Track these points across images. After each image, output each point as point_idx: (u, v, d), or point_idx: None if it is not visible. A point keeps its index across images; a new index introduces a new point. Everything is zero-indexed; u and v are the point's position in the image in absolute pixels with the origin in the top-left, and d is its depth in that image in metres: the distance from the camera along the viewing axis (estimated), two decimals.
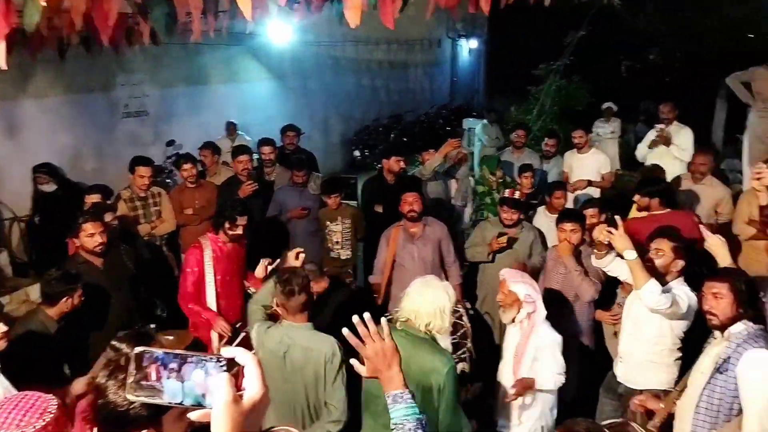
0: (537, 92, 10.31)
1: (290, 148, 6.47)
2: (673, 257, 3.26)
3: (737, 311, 2.66)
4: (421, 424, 1.67)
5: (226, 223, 4.00)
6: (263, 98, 9.76)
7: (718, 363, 2.66)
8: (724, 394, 2.64)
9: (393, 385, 1.71)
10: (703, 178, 5.35)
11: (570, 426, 1.94)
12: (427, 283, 2.81)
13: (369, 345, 1.72)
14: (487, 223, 4.99)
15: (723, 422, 2.67)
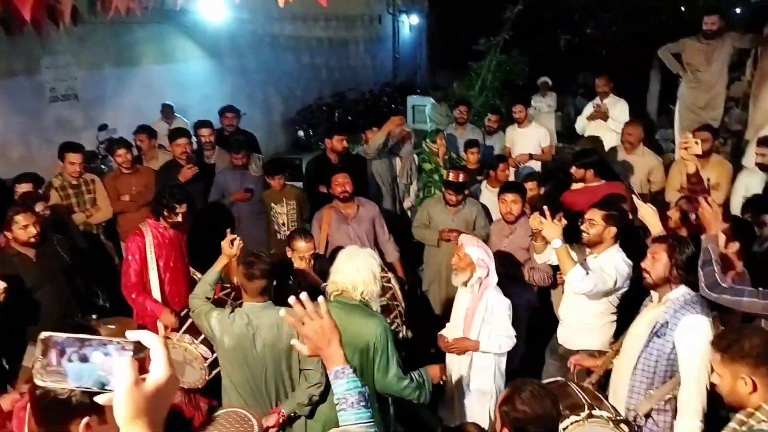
0: (478, 67, 10.38)
1: (229, 129, 6.30)
2: (605, 225, 3.38)
3: (670, 274, 2.78)
4: (364, 397, 1.70)
5: (165, 210, 3.91)
6: (199, 78, 9.45)
7: (655, 327, 2.76)
8: (661, 357, 2.75)
9: (334, 362, 1.73)
10: (635, 148, 5.53)
11: (517, 385, 2.01)
12: (353, 253, 2.93)
13: (308, 324, 1.73)
14: (432, 201, 5.04)
15: (659, 383, 2.80)
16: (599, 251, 3.44)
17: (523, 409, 1.93)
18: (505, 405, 1.97)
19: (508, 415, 1.95)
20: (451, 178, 4.69)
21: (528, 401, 1.95)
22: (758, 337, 2.05)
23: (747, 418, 2.02)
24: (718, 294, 2.71)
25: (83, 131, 7.14)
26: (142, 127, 5.95)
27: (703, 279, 2.76)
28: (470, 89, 10.11)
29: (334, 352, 1.74)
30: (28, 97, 6.81)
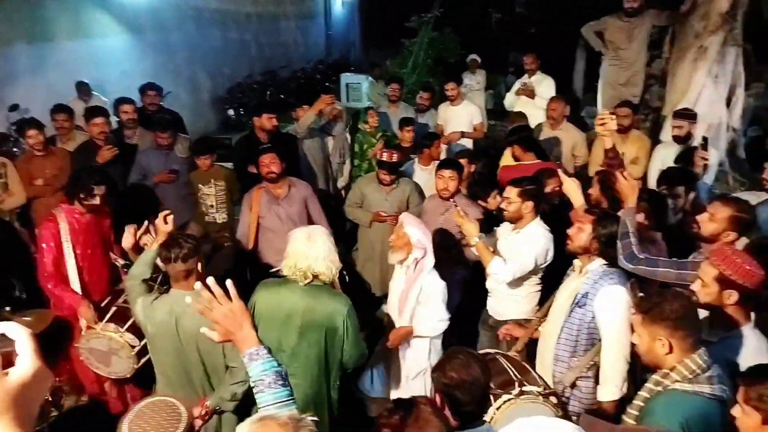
0: (411, 45, 10.34)
1: (152, 108, 6.01)
2: (521, 201, 3.51)
3: (591, 245, 2.91)
4: (281, 376, 1.70)
5: (81, 193, 3.69)
6: (119, 55, 8.92)
7: (576, 297, 2.89)
8: (582, 326, 2.88)
9: (247, 344, 1.72)
10: (559, 124, 5.70)
11: (450, 353, 2.07)
12: (312, 236, 2.90)
13: (216, 309, 1.71)
14: (365, 180, 5.01)
15: (582, 351, 2.93)
16: (521, 226, 3.58)
17: (451, 375, 2.00)
18: (436, 371, 2.05)
19: (438, 381, 2.02)
20: (385, 158, 4.66)
21: (456, 368, 2.01)
22: (678, 302, 2.14)
23: (662, 378, 2.12)
24: (634, 265, 2.81)
25: None
26: (59, 106, 5.56)
27: (621, 251, 2.86)
28: (403, 67, 10.07)
29: (247, 335, 1.72)
30: None
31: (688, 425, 1.98)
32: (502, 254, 3.64)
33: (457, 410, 1.99)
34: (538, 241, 3.48)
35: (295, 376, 2.89)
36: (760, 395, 1.77)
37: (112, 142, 4.92)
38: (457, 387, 1.98)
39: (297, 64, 13.98)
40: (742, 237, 2.95)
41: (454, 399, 1.99)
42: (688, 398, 2.05)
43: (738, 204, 2.95)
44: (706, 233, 2.97)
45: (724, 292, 2.36)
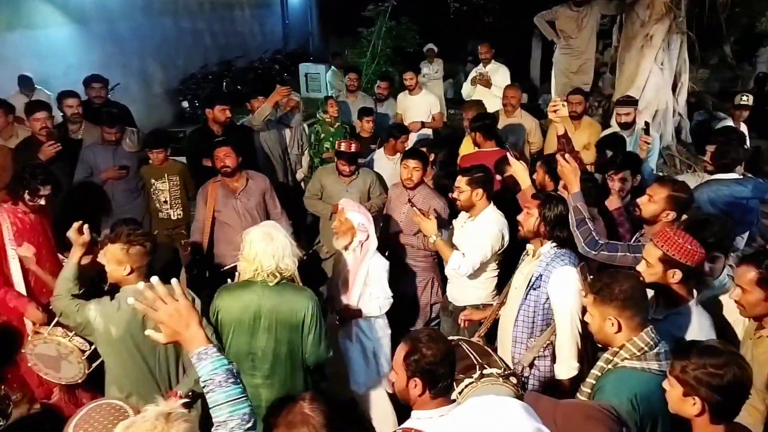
0: (369, 34, 10.27)
1: (98, 101, 5.76)
2: (471, 189, 3.57)
3: (538, 228, 2.99)
4: (231, 373, 1.66)
5: (26, 193, 3.57)
6: (63, 46, 8.56)
7: (531, 280, 2.96)
8: (538, 308, 2.97)
9: (195, 344, 1.67)
10: (514, 111, 5.79)
11: (413, 337, 2.05)
12: (268, 236, 2.83)
13: (161, 309, 1.66)
14: (325, 172, 4.95)
15: (539, 331, 3.02)
16: (475, 214, 3.65)
17: (429, 353, 1.98)
18: (411, 356, 2.00)
19: (417, 364, 1.98)
20: (343, 149, 4.62)
21: (430, 345, 2.00)
22: (628, 283, 2.21)
23: (612, 356, 2.21)
24: (597, 251, 2.90)
25: None
26: None
27: (581, 239, 2.92)
28: (362, 56, 10.00)
29: (194, 334, 1.68)
30: None
31: (637, 401, 2.05)
32: (459, 243, 3.69)
33: (435, 387, 1.98)
34: (492, 228, 3.53)
35: (270, 377, 2.90)
36: (683, 368, 1.87)
37: (56, 138, 4.69)
38: (439, 363, 1.98)
39: (254, 54, 13.72)
40: (681, 216, 3.05)
41: (434, 377, 1.97)
42: (636, 375, 2.13)
43: (674, 184, 3.06)
44: (647, 215, 3.06)
45: (668, 272, 2.44)
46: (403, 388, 2.03)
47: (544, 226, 2.97)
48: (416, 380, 1.98)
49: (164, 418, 1.41)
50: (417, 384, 1.98)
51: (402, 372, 2.03)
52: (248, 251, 2.83)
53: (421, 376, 1.97)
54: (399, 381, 2.05)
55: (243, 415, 1.63)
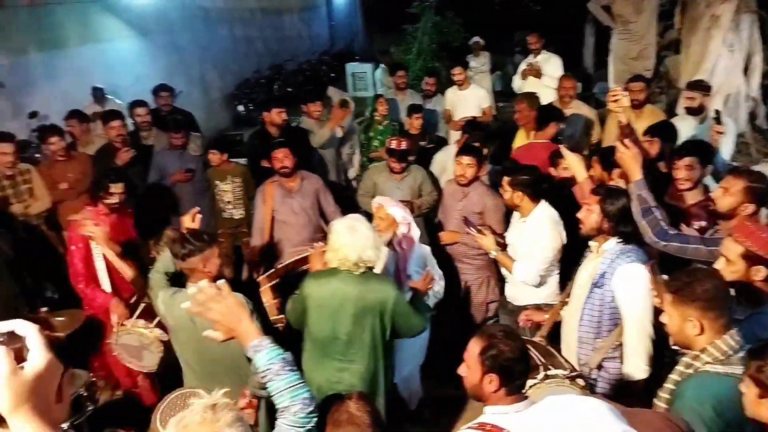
0: (414, 30, 10.33)
1: (165, 109, 6.17)
2: (512, 191, 3.56)
3: (602, 225, 2.83)
4: (288, 362, 1.73)
5: (101, 192, 3.87)
6: (130, 58, 9.08)
7: (595, 278, 2.82)
8: (603, 307, 2.83)
9: (250, 337, 1.75)
10: (571, 101, 5.64)
11: (488, 332, 2.05)
12: (353, 227, 2.94)
13: (214, 309, 1.74)
14: (377, 169, 5.04)
15: (606, 331, 2.87)
16: (525, 214, 3.61)
17: (507, 348, 1.95)
18: (488, 351, 1.96)
19: (495, 360, 1.94)
20: (393, 146, 4.67)
21: (507, 341, 1.97)
22: (710, 282, 2.06)
23: (693, 360, 2.07)
24: (667, 242, 2.75)
25: (13, 120, 6.80)
26: (72, 113, 5.75)
27: (649, 229, 2.77)
28: (408, 53, 10.07)
29: (247, 328, 1.75)
30: None
31: (720, 408, 1.90)
32: (513, 243, 3.68)
33: (512, 384, 1.96)
34: (545, 228, 3.48)
35: (354, 361, 2.98)
36: (758, 367, 1.76)
37: (129, 145, 5.08)
38: (517, 359, 1.95)
39: (302, 57, 14.06)
40: (760, 209, 2.85)
41: (511, 374, 1.95)
42: (719, 380, 1.97)
43: (750, 175, 2.84)
44: (723, 209, 2.86)
45: (751, 269, 2.29)
46: (476, 384, 1.99)
47: (607, 221, 2.81)
48: (492, 376, 1.94)
49: (211, 409, 1.46)
50: (492, 380, 1.94)
51: (477, 367, 1.98)
52: (333, 242, 2.93)
53: (498, 372, 1.94)
54: (471, 376, 2.01)
55: (304, 400, 1.69)
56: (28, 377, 0.96)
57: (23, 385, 0.95)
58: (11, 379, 0.95)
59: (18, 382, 0.95)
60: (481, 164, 4.29)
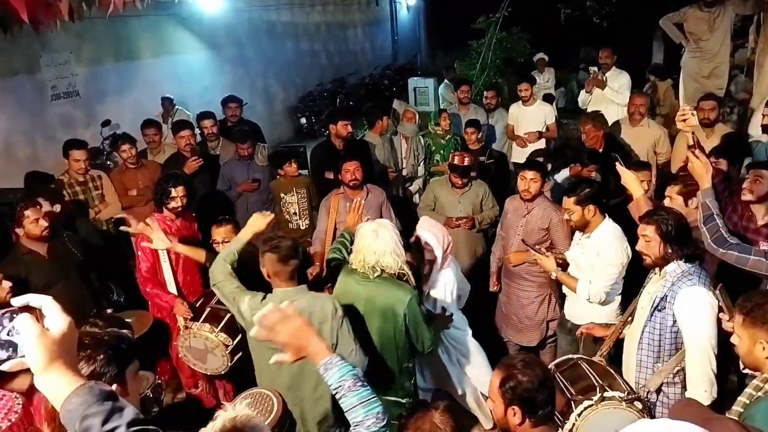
0: (478, 46, 10.27)
1: (233, 120, 6.30)
2: (581, 208, 3.43)
3: (666, 252, 2.72)
4: (358, 378, 1.73)
5: (163, 197, 3.96)
6: (198, 70, 9.41)
7: (655, 301, 2.76)
8: (664, 331, 2.76)
9: (320, 356, 1.74)
10: (641, 119, 5.50)
11: (507, 363, 2.01)
12: (377, 229, 3.01)
13: (282, 331, 1.74)
14: (438, 183, 5.02)
15: (666, 357, 2.80)
16: (590, 230, 3.50)
17: (525, 379, 1.93)
18: (507, 383, 1.95)
19: (514, 392, 1.93)
20: (456, 162, 4.64)
21: (525, 371, 1.95)
22: None
23: (763, 383, 2.01)
24: (725, 249, 2.69)
25: (86, 128, 7.16)
26: (149, 122, 5.95)
27: (708, 235, 2.75)
28: (471, 69, 10.01)
29: (316, 347, 1.75)
30: (30, 96, 6.81)
31: None
32: (577, 261, 3.56)
33: (535, 414, 1.93)
34: (612, 244, 3.36)
35: None
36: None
37: (198, 154, 5.20)
38: (537, 390, 1.92)
39: (365, 71, 14.22)
40: None
41: (533, 404, 1.92)
42: None
43: None
44: None
45: None
46: (502, 417, 1.99)
47: (670, 247, 2.70)
48: (514, 408, 1.93)
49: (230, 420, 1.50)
50: (516, 412, 1.93)
51: (499, 400, 1.97)
52: (356, 243, 3.02)
53: (519, 403, 1.92)
54: (497, 409, 2.00)
55: (377, 414, 1.69)
56: (56, 336, 1.08)
57: (53, 343, 1.07)
58: (41, 339, 1.06)
59: (48, 340, 1.07)
60: (545, 179, 4.25)
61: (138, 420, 1.10)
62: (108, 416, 1.06)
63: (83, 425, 1.04)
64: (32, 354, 1.06)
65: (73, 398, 1.05)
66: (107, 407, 1.07)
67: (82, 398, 1.05)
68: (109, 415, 1.06)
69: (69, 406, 1.05)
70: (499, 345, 4.36)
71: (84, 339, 1.55)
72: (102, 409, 1.06)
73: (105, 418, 1.05)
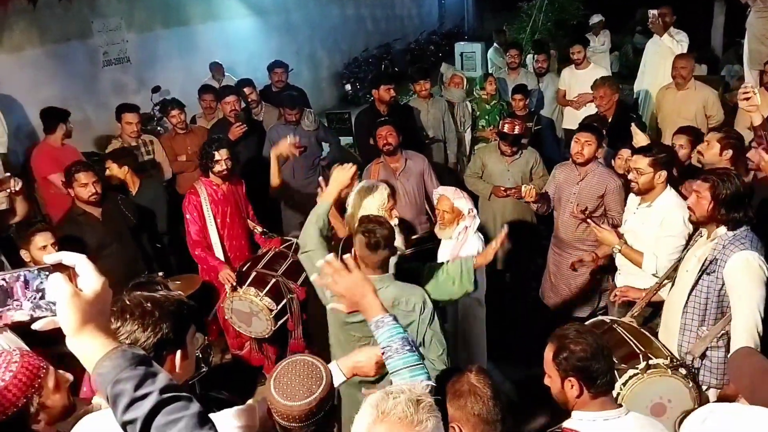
0: (529, 8, 9.91)
1: (279, 85, 6.29)
2: (653, 171, 3.22)
3: (713, 212, 2.68)
4: (407, 341, 1.73)
5: (207, 161, 3.98)
6: (246, 36, 9.41)
7: (704, 264, 2.70)
8: (711, 294, 2.71)
9: (373, 312, 1.76)
10: (686, 83, 5.26)
11: (559, 335, 1.98)
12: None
13: (339, 281, 1.76)
14: (487, 150, 4.92)
15: (710, 321, 2.76)
16: (651, 198, 3.31)
17: (578, 348, 1.89)
18: (560, 354, 1.91)
19: (568, 362, 1.89)
20: (506, 130, 4.50)
21: (578, 340, 1.91)
22: None
23: None
24: None
25: (137, 94, 7.27)
26: (205, 87, 6.02)
27: None
28: (521, 32, 9.68)
29: (371, 302, 1.77)
30: (82, 62, 6.96)
31: None
32: (635, 231, 3.41)
33: (593, 384, 1.88)
34: (679, 216, 3.18)
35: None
36: None
37: (242, 119, 5.22)
38: (592, 358, 1.87)
39: (411, 36, 13.96)
40: None
41: (590, 373, 1.88)
42: None
43: None
44: None
45: None
46: (559, 390, 1.95)
47: (719, 209, 2.66)
48: (571, 380, 1.89)
49: (414, 405, 1.37)
50: (573, 383, 1.89)
51: (554, 373, 1.94)
52: None
53: (575, 373, 1.88)
54: (554, 383, 1.96)
55: (422, 381, 1.66)
56: (89, 298, 1.04)
57: (87, 305, 1.03)
58: (75, 299, 1.02)
59: (81, 301, 1.02)
60: (600, 143, 4.05)
61: (171, 386, 1.06)
62: (140, 382, 1.02)
63: (115, 390, 1.01)
64: (64, 315, 1.01)
65: (105, 362, 1.02)
66: (140, 372, 1.03)
67: (115, 362, 1.02)
68: (141, 380, 1.02)
69: (101, 369, 1.02)
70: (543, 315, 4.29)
71: (146, 305, 1.54)
72: (134, 374, 1.02)
73: (137, 384, 1.02)
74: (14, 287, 1.03)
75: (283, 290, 3.74)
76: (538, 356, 2.06)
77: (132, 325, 1.51)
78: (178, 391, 1.06)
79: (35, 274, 1.04)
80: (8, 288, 1.03)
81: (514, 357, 3.98)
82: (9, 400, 1.60)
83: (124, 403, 1.01)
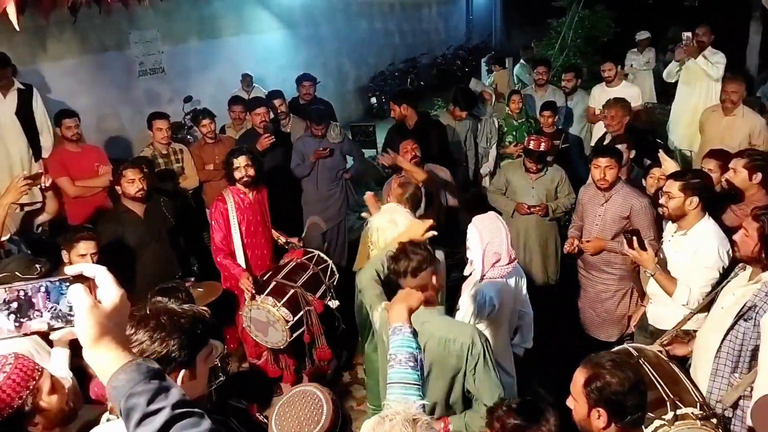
0: (559, 25, 9.86)
1: (306, 98, 6.36)
2: (684, 196, 3.09)
3: (759, 254, 2.53)
4: (414, 358, 1.73)
5: (230, 170, 4.05)
6: (275, 49, 9.58)
7: (743, 309, 2.53)
8: (747, 341, 2.54)
9: (396, 319, 1.83)
10: (735, 107, 5.05)
11: (593, 361, 1.91)
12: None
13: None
14: (511, 166, 4.88)
15: (746, 368, 2.58)
16: (687, 226, 3.16)
17: (614, 381, 1.80)
18: (593, 383, 1.82)
19: (601, 393, 1.80)
20: (532, 147, 4.46)
21: (615, 372, 1.81)
22: None
23: None
24: None
25: (170, 103, 7.44)
26: (236, 98, 6.11)
27: None
28: (549, 48, 9.63)
29: (397, 310, 1.84)
30: (119, 72, 7.16)
31: None
32: (669, 259, 3.28)
33: (622, 420, 1.80)
34: (715, 247, 3.04)
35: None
36: None
37: (271, 131, 5.29)
38: (628, 393, 1.79)
39: (438, 51, 14.04)
40: None
41: (622, 408, 1.79)
42: None
43: None
44: None
45: None
46: (584, 418, 1.87)
47: (766, 252, 2.51)
48: (599, 410, 1.81)
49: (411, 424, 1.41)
50: (601, 415, 1.81)
51: (582, 399, 1.85)
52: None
53: (606, 406, 1.80)
54: (578, 410, 1.88)
55: (414, 402, 1.64)
56: (108, 310, 1.04)
57: (104, 318, 1.03)
58: (93, 311, 1.02)
59: (99, 314, 1.02)
60: (621, 164, 3.96)
61: (183, 401, 1.04)
62: (153, 396, 1.01)
63: (128, 404, 1.00)
64: (82, 327, 1.01)
65: (120, 375, 1.01)
66: (153, 386, 1.01)
67: (129, 375, 1.01)
68: (154, 395, 1.01)
69: (115, 383, 1.01)
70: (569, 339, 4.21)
71: (161, 318, 1.53)
72: (148, 389, 1.01)
73: (150, 398, 1.00)
74: (36, 297, 1.04)
75: (301, 302, 3.74)
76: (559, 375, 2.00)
77: (143, 335, 1.50)
78: (190, 406, 1.05)
79: (56, 285, 1.05)
80: (30, 298, 1.04)
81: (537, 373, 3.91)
82: (3, 401, 1.63)
83: (136, 418, 1.00)
